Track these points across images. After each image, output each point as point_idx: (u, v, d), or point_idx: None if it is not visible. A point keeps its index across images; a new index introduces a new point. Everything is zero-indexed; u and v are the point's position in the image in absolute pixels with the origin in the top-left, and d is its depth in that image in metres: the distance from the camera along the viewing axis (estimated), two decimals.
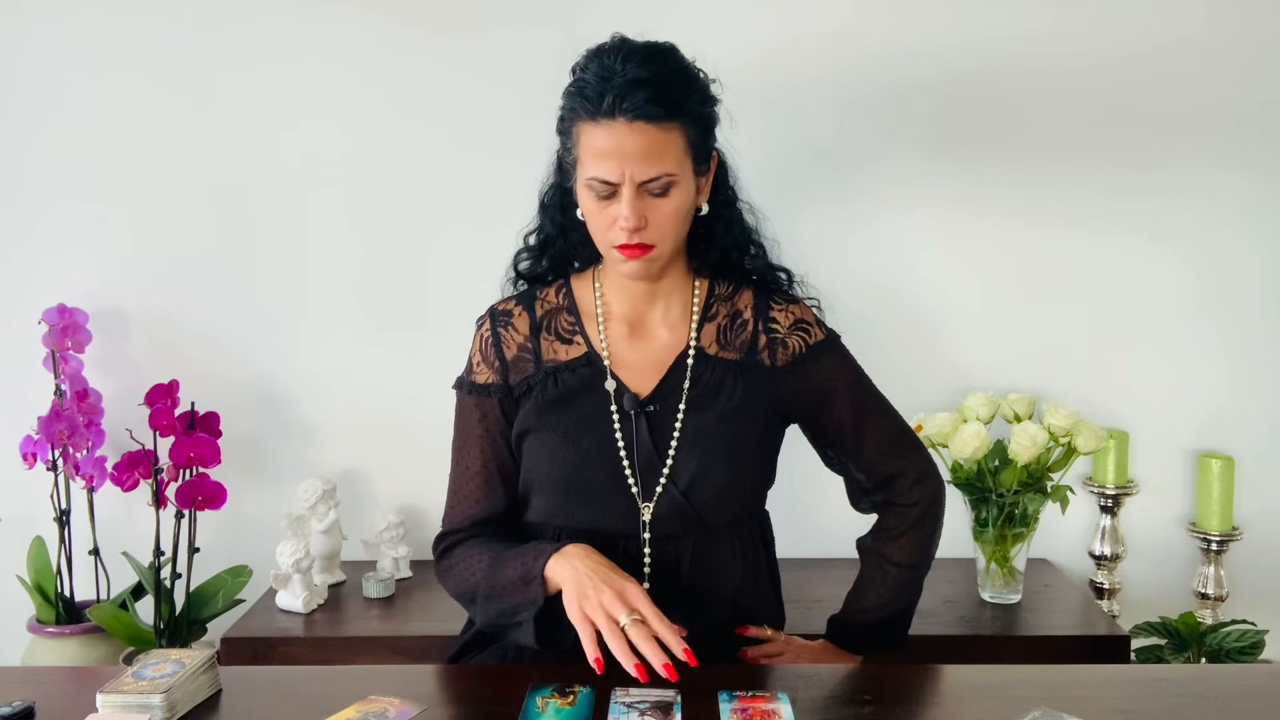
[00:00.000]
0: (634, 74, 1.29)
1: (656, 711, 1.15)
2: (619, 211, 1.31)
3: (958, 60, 2.08)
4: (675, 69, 1.34)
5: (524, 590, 1.31)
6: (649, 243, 1.34)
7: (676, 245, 1.39)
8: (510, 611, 1.33)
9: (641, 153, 1.29)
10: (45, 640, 2.05)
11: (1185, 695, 1.22)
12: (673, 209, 1.34)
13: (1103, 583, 2.12)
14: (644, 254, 1.34)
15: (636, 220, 1.31)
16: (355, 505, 2.17)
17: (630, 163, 1.29)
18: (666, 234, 1.35)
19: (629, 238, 1.32)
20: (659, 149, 1.30)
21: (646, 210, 1.32)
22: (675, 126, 1.31)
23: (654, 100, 1.29)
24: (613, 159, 1.30)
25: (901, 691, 1.25)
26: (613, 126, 1.29)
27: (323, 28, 2.09)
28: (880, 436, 1.47)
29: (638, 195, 1.31)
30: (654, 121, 1.29)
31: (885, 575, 1.48)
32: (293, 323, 2.16)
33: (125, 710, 1.13)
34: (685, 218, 1.37)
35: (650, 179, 1.31)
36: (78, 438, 2.02)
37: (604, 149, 1.30)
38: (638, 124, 1.29)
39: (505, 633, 1.37)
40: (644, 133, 1.29)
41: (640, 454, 1.39)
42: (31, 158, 2.13)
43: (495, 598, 1.35)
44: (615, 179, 1.30)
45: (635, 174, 1.30)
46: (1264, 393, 2.15)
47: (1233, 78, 2.08)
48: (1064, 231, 2.12)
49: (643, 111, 1.29)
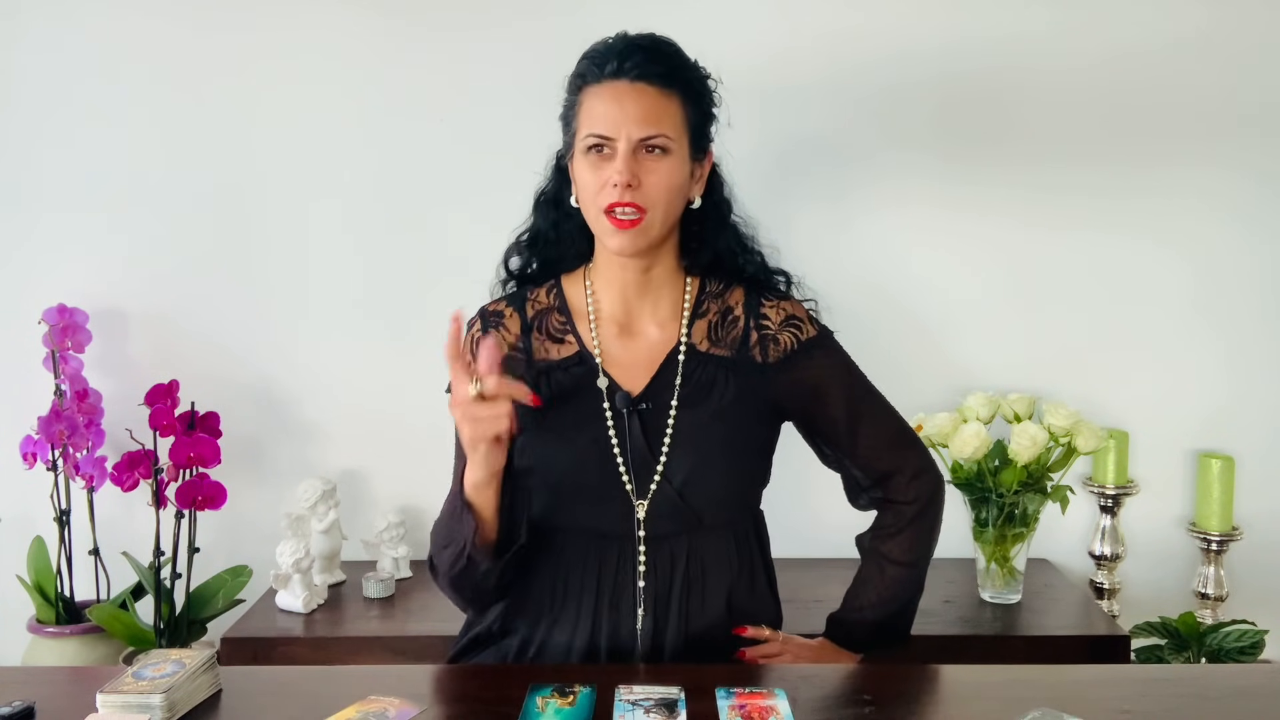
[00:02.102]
0: (638, 41, 1.37)
1: (661, 709, 1.15)
2: (613, 169, 1.33)
3: (958, 60, 2.08)
4: (677, 49, 1.40)
5: (460, 523, 1.32)
6: (640, 205, 1.33)
7: (666, 224, 1.38)
8: (460, 551, 1.33)
9: (640, 112, 1.33)
10: (45, 640, 2.05)
11: (1185, 695, 1.22)
12: (666, 175, 1.34)
13: (1103, 583, 2.13)
14: (634, 225, 1.34)
15: (629, 176, 1.32)
16: (355, 505, 2.17)
17: (629, 120, 1.33)
18: (657, 201, 1.35)
19: (620, 194, 1.33)
20: (657, 111, 1.34)
21: (641, 171, 1.33)
22: (675, 95, 1.36)
23: (655, 61, 1.35)
24: (612, 116, 1.34)
25: (901, 691, 1.25)
26: (615, 86, 1.34)
27: (322, 28, 2.09)
28: (876, 433, 1.47)
29: (633, 155, 1.33)
30: (654, 84, 1.34)
31: (884, 573, 1.48)
32: (293, 323, 2.16)
33: (125, 710, 1.13)
34: (677, 194, 1.38)
35: (647, 137, 1.33)
36: (78, 438, 2.02)
37: (604, 108, 1.34)
38: (639, 84, 1.34)
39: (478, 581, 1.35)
40: (644, 93, 1.34)
41: (634, 452, 1.39)
42: (32, 158, 2.13)
43: (449, 546, 1.35)
44: (613, 134, 1.33)
45: (632, 132, 1.33)
46: (1264, 393, 2.15)
47: (1233, 78, 2.08)
48: (1064, 231, 2.12)
49: (644, 70, 1.34)
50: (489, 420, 1.25)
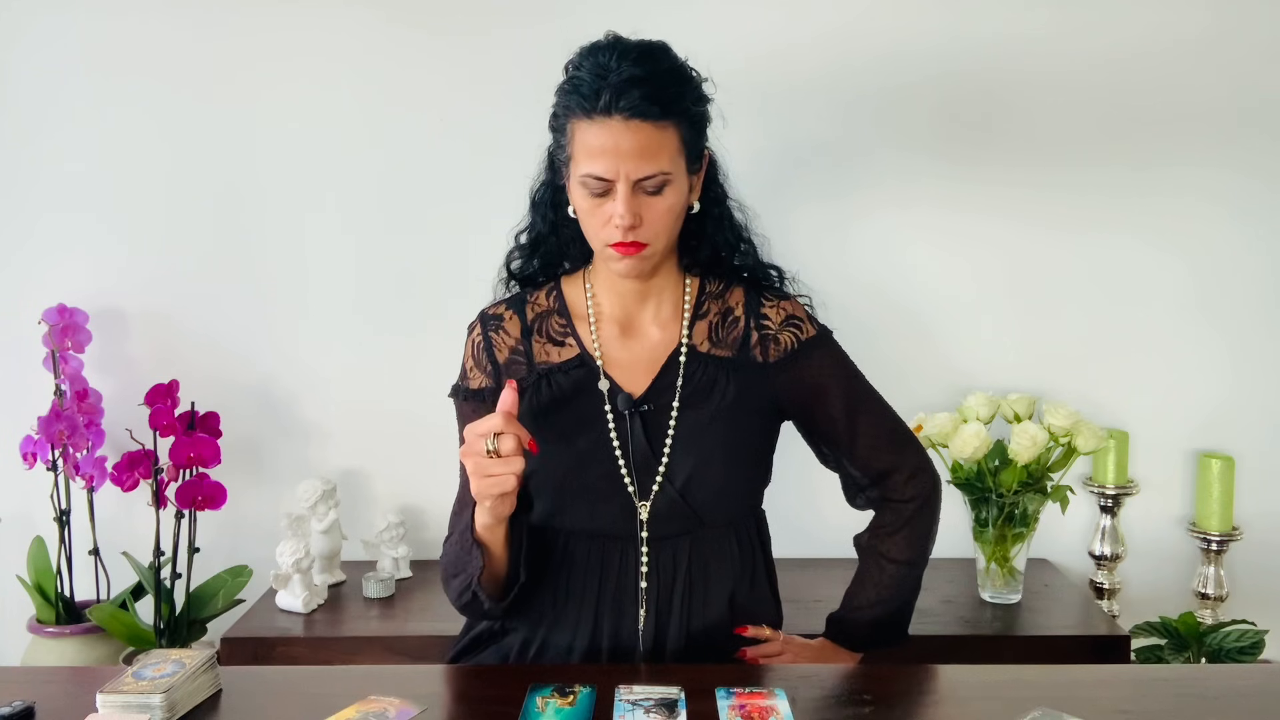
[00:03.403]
0: (629, 72, 1.29)
1: (661, 709, 1.15)
2: (614, 209, 1.31)
3: (958, 60, 2.08)
4: (670, 68, 1.34)
5: (468, 560, 1.32)
6: (643, 241, 1.34)
7: (669, 244, 1.39)
8: (466, 586, 1.34)
9: (637, 151, 1.29)
10: (45, 640, 2.05)
11: (1185, 695, 1.22)
12: (667, 207, 1.34)
13: (1103, 583, 2.12)
14: (638, 251, 1.34)
15: (632, 219, 1.31)
16: (355, 505, 2.17)
17: (626, 161, 1.29)
18: (660, 232, 1.35)
19: (624, 236, 1.32)
20: (654, 147, 1.30)
21: (641, 208, 1.32)
22: (670, 125, 1.31)
23: (649, 99, 1.29)
24: (608, 156, 1.30)
25: (901, 691, 1.25)
26: (608, 124, 1.29)
27: (323, 29, 2.09)
28: (874, 432, 1.47)
29: (632, 193, 1.31)
30: (649, 120, 1.29)
31: (883, 572, 1.48)
32: (293, 323, 2.16)
33: (125, 710, 1.13)
34: (679, 216, 1.38)
35: (645, 177, 1.31)
36: (78, 438, 2.02)
37: (599, 146, 1.30)
38: (633, 122, 1.29)
39: (483, 614, 1.38)
40: (639, 131, 1.29)
41: (636, 454, 1.39)
42: (31, 158, 2.13)
43: (458, 577, 1.36)
44: (610, 176, 1.30)
45: (630, 172, 1.30)
46: (1264, 393, 2.15)
47: (1233, 78, 2.08)
48: (1064, 231, 2.12)
49: (639, 110, 1.29)
50: (499, 479, 1.24)
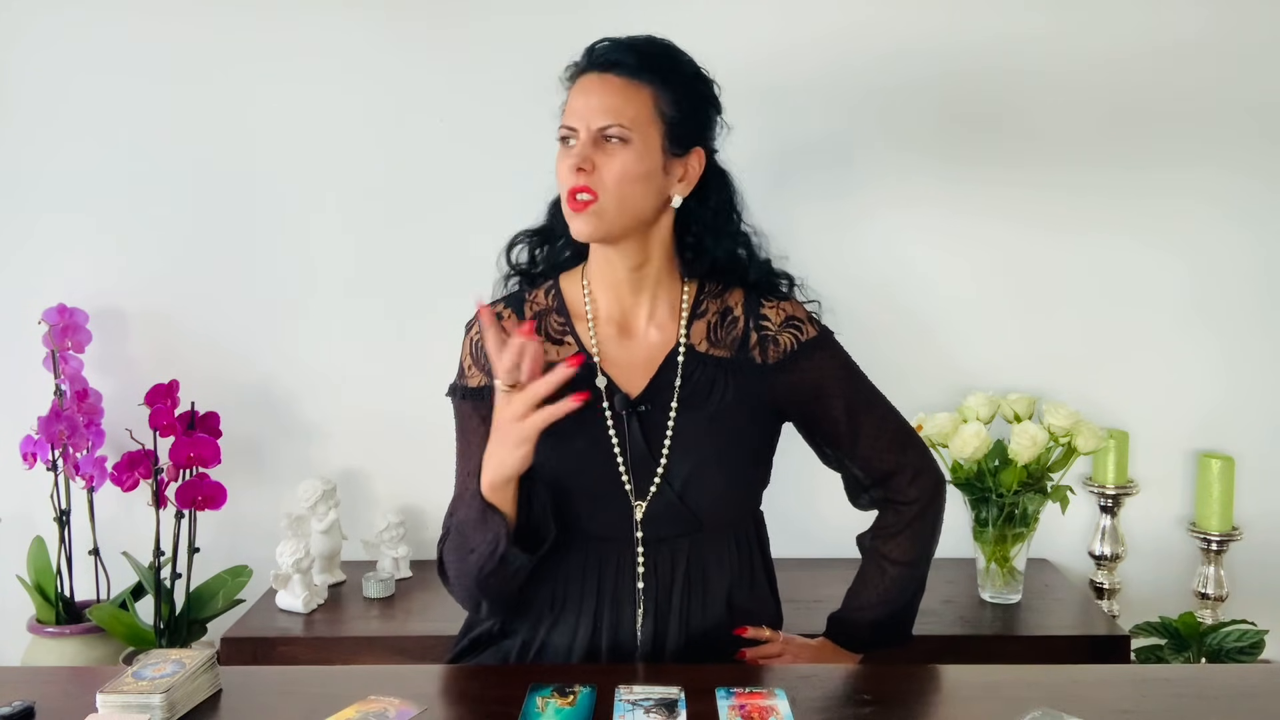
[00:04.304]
0: (621, 38, 1.38)
1: (661, 709, 1.15)
2: (574, 157, 1.35)
3: (958, 60, 2.08)
4: (662, 46, 1.40)
5: (484, 526, 1.30)
6: (591, 188, 1.33)
7: (626, 214, 1.36)
8: (490, 553, 1.31)
9: (601, 102, 1.34)
10: (45, 640, 2.05)
11: (1185, 695, 1.22)
12: (622, 163, 1.33)
13: (1103, 583, 2.12)
14: (587, 207, 1.34)
15: (580, 160, 1.33)
16: (355, 505, 2.17)
17: (590, 110, 1.35)
18: (609, 188, 1.33)
19: (574, 180, 1.33)
20: (619, 102, 1.34)
21: (597, 158, 1.34)
22: (644, 87, 1.35)
23: (624, 51, 1.36)
24: (577, 107, 1.36)
25: (901, 691, 1.25)
26: (585, 80, 1.37)
27: (323, 28, 2.09)
28: (876, 432, 1.46)
29: (593, 144, 1.34)
30: (621, 74, 1.35)
31: (884, 573, 1.48)
32: (293, 323, 2.16)
33: (125, 710, 1.13)
34: (638, 184, 1.35)
35: (604, 126, 1.33)
36: (78, 438, 2.02)
37: (573, 101, 1.37)
38: (607, 75, 1.35)
39: (508, 581, 1.34)
40: (609, 84, 1.35)
41: (633, 454, 1.38)
42: (32, 157, 2.13)
43: (476, 550, 1.32)
44: (576, 124, 1.35)
45: (591, 121, 1.34)
46: (1264, 393, 2.15)
47: (1233, 78, 2.08)
48: (1064, 231, 2.12)
49: (612, 60, 1.35)
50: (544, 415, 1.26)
